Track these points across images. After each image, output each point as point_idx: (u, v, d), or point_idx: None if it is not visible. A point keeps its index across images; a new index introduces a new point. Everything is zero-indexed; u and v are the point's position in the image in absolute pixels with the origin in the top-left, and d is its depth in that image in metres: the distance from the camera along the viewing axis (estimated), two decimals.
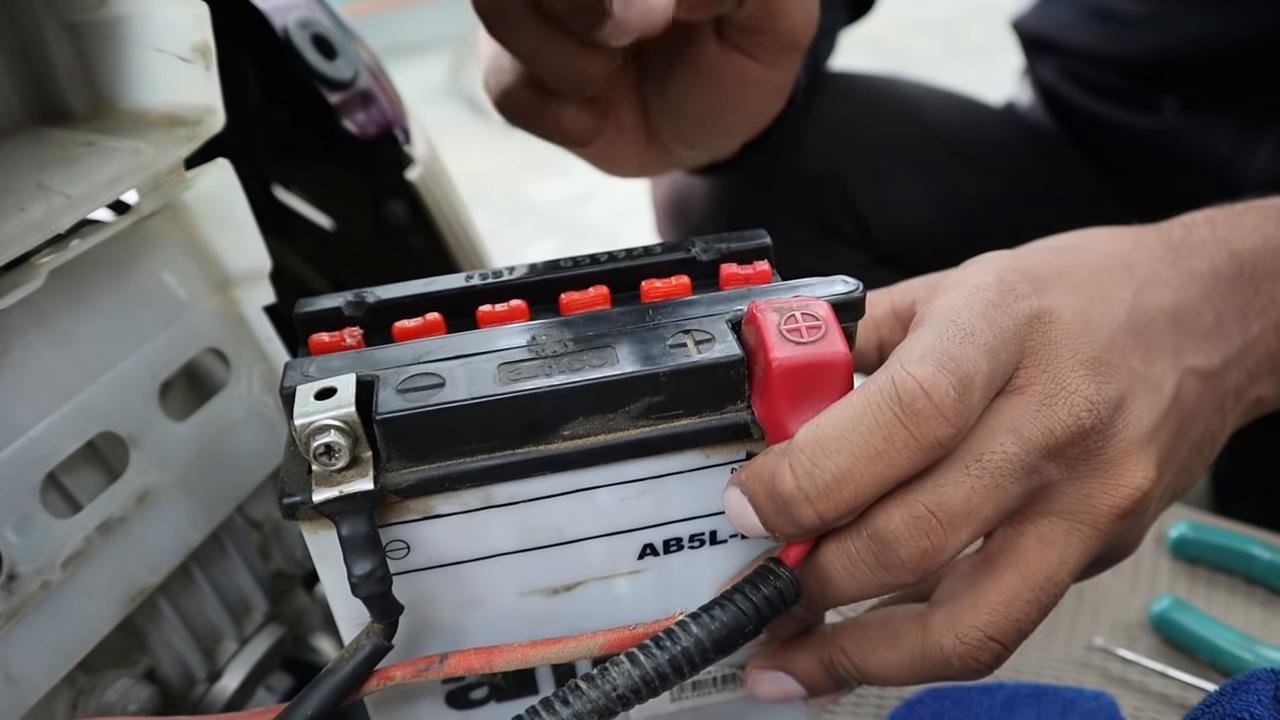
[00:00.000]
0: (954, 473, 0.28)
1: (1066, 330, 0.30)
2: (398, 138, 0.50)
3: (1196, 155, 0.73)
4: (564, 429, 0.28)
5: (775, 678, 0.33)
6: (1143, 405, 0.31)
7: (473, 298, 0.33)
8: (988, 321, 0.29)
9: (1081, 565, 0.30)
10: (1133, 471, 0.30)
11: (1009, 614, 0.29)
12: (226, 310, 0.41)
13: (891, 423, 0.27)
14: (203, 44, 0.35)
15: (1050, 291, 0.31)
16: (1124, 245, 0.35)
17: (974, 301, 0.30)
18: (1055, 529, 0.30)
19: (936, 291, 0.31)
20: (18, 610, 0.33)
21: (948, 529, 0.27)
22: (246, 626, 0.43)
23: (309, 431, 0.26)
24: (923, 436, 0.27)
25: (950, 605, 0.30)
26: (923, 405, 0.27)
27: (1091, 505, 0.30)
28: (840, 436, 0.27)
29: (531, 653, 0.30)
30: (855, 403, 0.27)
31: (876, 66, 0.88)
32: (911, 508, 0.27)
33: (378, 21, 3.44)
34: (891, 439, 0.27)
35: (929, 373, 0.27)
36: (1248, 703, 0.32)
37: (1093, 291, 0.32)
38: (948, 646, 0.29)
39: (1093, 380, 0.30)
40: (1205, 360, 0.34)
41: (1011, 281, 0.31)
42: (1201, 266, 0.35)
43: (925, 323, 0.29)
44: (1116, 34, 0.74)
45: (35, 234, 0.32)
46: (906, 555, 0.27)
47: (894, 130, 0.78)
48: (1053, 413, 0.29)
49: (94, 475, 0.37)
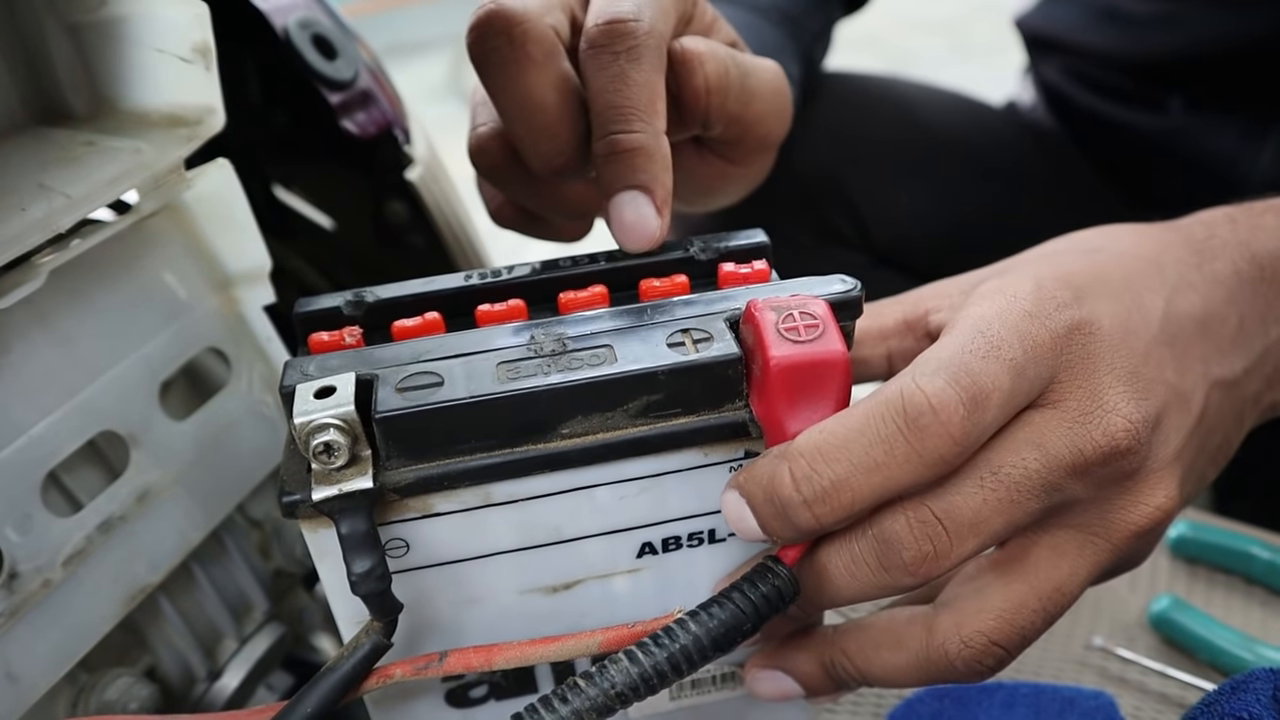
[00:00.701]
0: (968, 482, 0.27)
1: (1106, 342, 0.30)
2: (398, 138, 0.50)
3: (1200, 155, 0.72)
4: (563, 427, 0.28)
5: (774, 677, 0.33)
6: (1174, 423, 0.30)
7: (472, 297, 0.33)
8: (1020, 335, 0.28)
9: (1092, 578, 0.30)
10: (1156, 491, 0.29)
11: (1015, 621, 0.29)
12: (227, 310, 0.41)
13: (894, 436, 0.26)
14: (203, 44, 0.35)
15: (1089, 299, 0.30)
16: (1150, 246, 0.34)
17: (1009, 312, 0.29)
18: (1070, 541, 0.29)
19: (971, 297, 0.31)
20: (19, 608, 0.33)
21: (953, 537, 0.27)
22: (247, 625, 0.43)
23: (308, 430, 0.26)
24: (926, 453, 0.26)
25: (956, 608, 0.30)
26: (928, 422, 0.26)
27: (1110, 521, 0.29)
28: (842, 445, 0.27)
29: (531, 651, 0.30)
30: (861, 412, 0.27)
31: (878, 65, 0.88)
32: (919, 512, 0.27)
33: (378, 21, 3.44)
34: (893, 452, 0.26)
35: (939, 388, 0.26)
36: (1247, 702, 0.32)
37: (1129, 298, 0.31)
38: (952, 650, 0.29)
39: (1132, 397, 0.29)
40: (1229, 370, 0.33)
41: (1051, 290, 0.30)
42: (1225, 270, 0.34)
43: (953, 330, 0.29)
44: (1122, 33, 0.74)
45: (36, 233, 0.32)
46: (909, 558, 0.27)
47: (893, 131, 0.78)
48: (1085, 431, 0.28)
49: (94, 474, 0.37)
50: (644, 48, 0.34)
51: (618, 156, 0.34)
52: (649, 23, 0.34)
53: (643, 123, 0.34)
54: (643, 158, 0.34)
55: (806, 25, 0.67)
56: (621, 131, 0.34)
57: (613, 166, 0.34)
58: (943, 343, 0.28)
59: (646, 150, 0.34)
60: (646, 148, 0.34)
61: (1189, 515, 0.52)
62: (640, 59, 0.34)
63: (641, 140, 0.34)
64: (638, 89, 0.34)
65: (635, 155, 0.34)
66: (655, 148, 0.34)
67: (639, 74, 0.34)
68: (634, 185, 0.33)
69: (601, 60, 0.34)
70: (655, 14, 0.35)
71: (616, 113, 0.34)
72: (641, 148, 0.34)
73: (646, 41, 0.34)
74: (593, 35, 0.34)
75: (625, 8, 0.34)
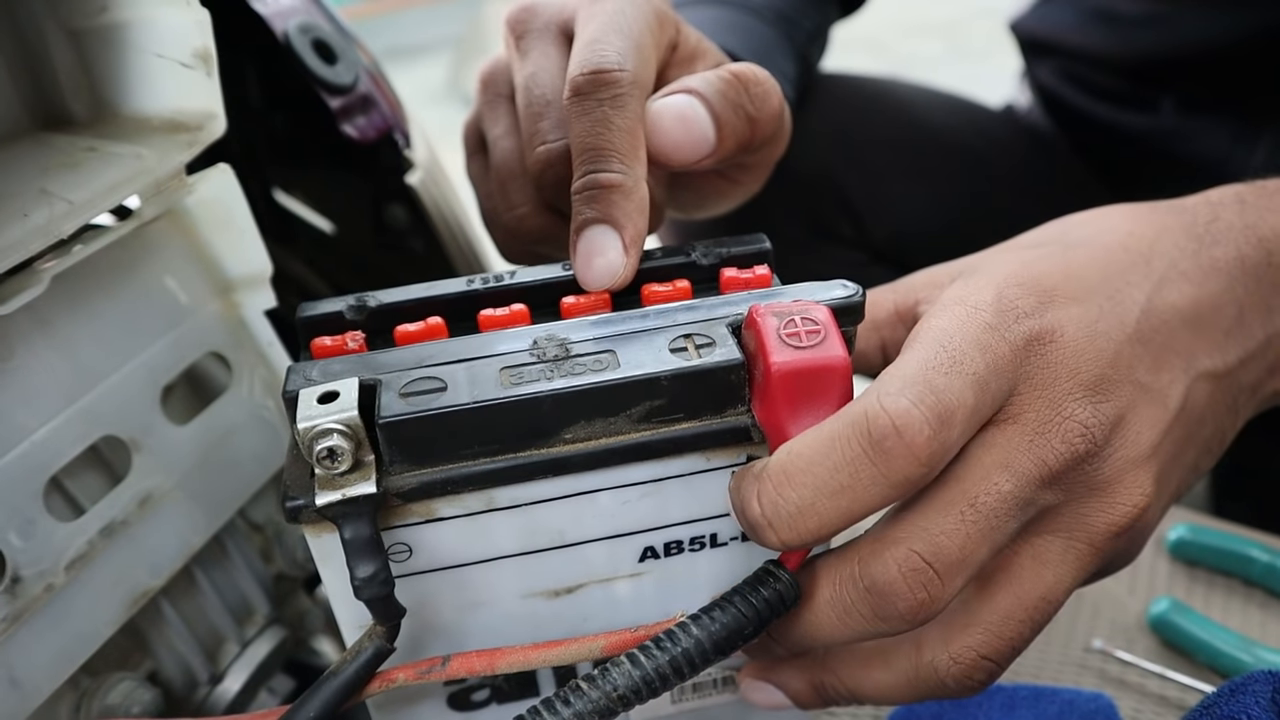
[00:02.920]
0: (948, 519, 0.27)
1: (1069, 350, 0.29)
2: (398, 142, 0.50)
3: (1193, 156, 0.73)
4: (565, 433, 0.28)
5: (766, 689, 0.33)
6: (1144, 420, 0.30)
7: (474, 302, 0.33)
8: (981, 348, 0.28)
9: (1077, 583, 0.30)
10: (1130, 490, 0.29)
11: (1003, 633, 0.29)
12: (228, 314, 0.41)
13: (859, 459, 0.26)
14: (204, 50, 0.35)
15: (1054, 305, 0.30)
16: (1145, 233, 0.34)
17: (969, 324, 0.29)
18: (1051, 548, 0.29)
19: (934, 306, 0.31)
20: (21, 613, 0.33)
21: (945, 579, 0.27)
22: (248, 629, 0.43)
23: (312, 435, 0.26)
24: (892, 475, 0.26)
25: (943, 624, 0.30)
26: (893, 444, 0.26)
27: (1088, 524, 0.29)
28: (806, 469, 0.27)
29: (533, 655, 0.30)
30: (825, 434, 0.27)
31: (876, 67, 0.88)
32: (909, 560, 0.27)
33: (377, 24, 3.44)
34: (858, 475, 0.26)
35: (904, 408, 0.26)
36: (1246, 704, 0.32)
37: (1103, 296, 0.31)
38: (941, 666, 0.29)
39: (1089, 402, 0.29)
40: (1220, 361, 0.33)
41: (1012, 299, 0.30)
42: (1228, 255, 0.33)
43: (915, 345, 0.29)
44: (1114, 35, 0.75)
45: (38, 239, 0.32)
46: (905, 608, 0.27)
47: (890, 131, 0.78)
48: (1045, 442, 0.28)
49: (96, 479, 0.37)
50: (628, 96, 0.35)
51: (593, 193, 0.34)
52: (633, 72, 0.35)
53: (622, 164, 0.34)
54: (619, 195, 0.34)
55: (801, 24, 0.67)
56: (600, 170, 0.34)
57: (587, 203, 0.34)
58: (905, 358, 0.28)
59: (624, 189, 0.34)
60: (624, 186, 0.34)
61: (1188, 518, 0.52)
62: (624, 106, 0.35)
63: (620, 180, 0.34)
64: (620, 134, 0.34)
65: (611, 192, 0.34)
66: (632, 189, 0.34)
67: (622, 120, 0.34)
68: (605, 220, 0.34)
69: (585, 107, 0.35)
70: (638, 62, 0.36)
71: (597, 154, 0.34)
72: (619, 185, 0.34)
73: (631, 90, 0.35)
74: (578, 83, 0.35)
75: (610, 57, 0.35)
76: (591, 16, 0.37)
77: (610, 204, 0.34)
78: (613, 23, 0.37)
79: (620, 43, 0.36)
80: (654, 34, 0.37)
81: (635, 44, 0.36)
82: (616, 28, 0.36)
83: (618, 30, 0.36)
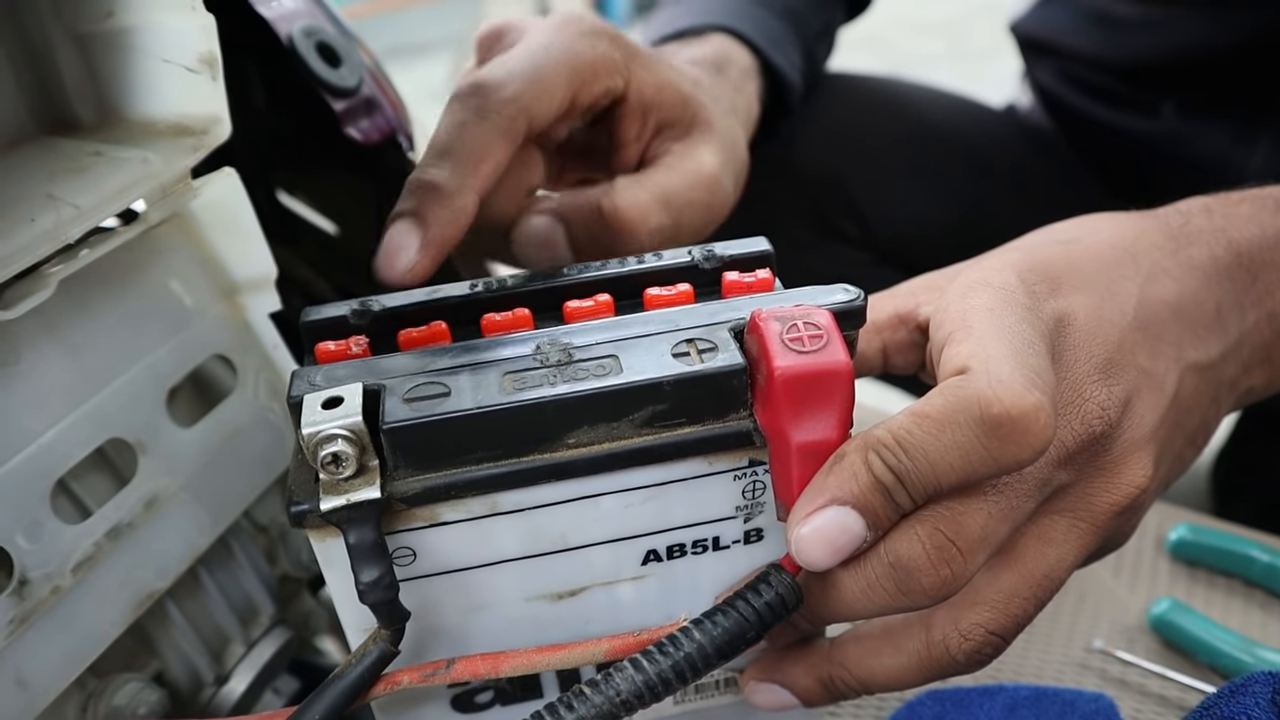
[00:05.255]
0: (973, 499, 0.28)
1: (1083, 334, 0.30)
2: (401, 144, 0.50)
3: (1193, 158, 0.73)
4: (569, 437, 0.28)
5: (771, 690, 0.33)
6: (1146, 404, 0.31)
7: (477, 306, 0.33)
8: (1033, 327, 0.29)
9: (1079, 561, 0.31)
10: (1133, 470, 0.30)
11: (1009, 610, 0.30)
12: (233, 317, 0.41)
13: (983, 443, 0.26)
14: (209, 55, 0.36)
15: (1064, 291, 0.31)
16: (1126, 234, 0.35)
17: (1012, 305, 0.29)
18: (1055, 526, 0.30)
19: (952, 292, 0.31)
20: (29, 615, 0.33)
21: (968, 556, 0.28)
22: (253, 630, 0.43)
23: (316, 440, 0.27)
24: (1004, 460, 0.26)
25: (952, 603, 0.30)
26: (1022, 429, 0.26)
27: (1091, 503, 0.30)
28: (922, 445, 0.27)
29: (537, 658, 0.30)
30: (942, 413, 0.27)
31: (877, 66, 0.88)
32: (934, 537, 0.27)
33: (378, 23, 3.44)
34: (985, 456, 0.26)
35: (1035, 399, 0.26)
36: (1246, 705, 0.32)
37: (1102, 287, 0.32)
38: (953, 644, 0.30)
39: (1104, 384, 0.30)
40: (1205, 354, 0.34)
41: (1032, 282, 0.31)
42: (1201, 255, 0.35)
43: (973, 323, 0.28)
44: (1113, 37, 0.75)
45: (45, 244, 0.32)
46: (929, 584, 0.28)
47: (894, 130, 0.79)
48: (1066, 423, 0.29)
49: (103, 481, 0.38)
50: (494, 112, 0.35)
51: (414, 187, 0.34)
52: (512, 94, 0.35)
53: (456, 170, 0.34)
54: (436, 195, 0.34)
55: (809, 21, 0.67)
56: (431, 166, 0.34)
57: (406, 195, 0.34)
58: (984, 341, 0.28)
59: (444, 191, 0.34)
60: (445, 189, 0.34)
61: (1189, 518, 0.52)
62: (486, 119, 0.35)
63: (444, 180, 0.34)
64: (468, 141, 0.35)
65: (430, 190, 0.34)
66: (454, 194, 0.34)
67: (477, 130, 0.35)
68: (413, 214, 0.33)
69: (451, 109, 0.36)
70: (525, 89, 0.36)
71: (436, 151, 0.35)
72: (441, 187, 0.34)
73: (501, 109, 0.35)
74: (458, 88, 0.36)
75: (495, 74, 0.36)
76: (519, 43, 0.39)
77: (423, 200, 0.34)
78: (524, 52, 0.38)
79: (518, 67, 0.36)
80: (567, 75, 0.38)
81: (535, 75, 0.37)
82: (526, 56, 0.37)
83: (523, 58, 0.37)
